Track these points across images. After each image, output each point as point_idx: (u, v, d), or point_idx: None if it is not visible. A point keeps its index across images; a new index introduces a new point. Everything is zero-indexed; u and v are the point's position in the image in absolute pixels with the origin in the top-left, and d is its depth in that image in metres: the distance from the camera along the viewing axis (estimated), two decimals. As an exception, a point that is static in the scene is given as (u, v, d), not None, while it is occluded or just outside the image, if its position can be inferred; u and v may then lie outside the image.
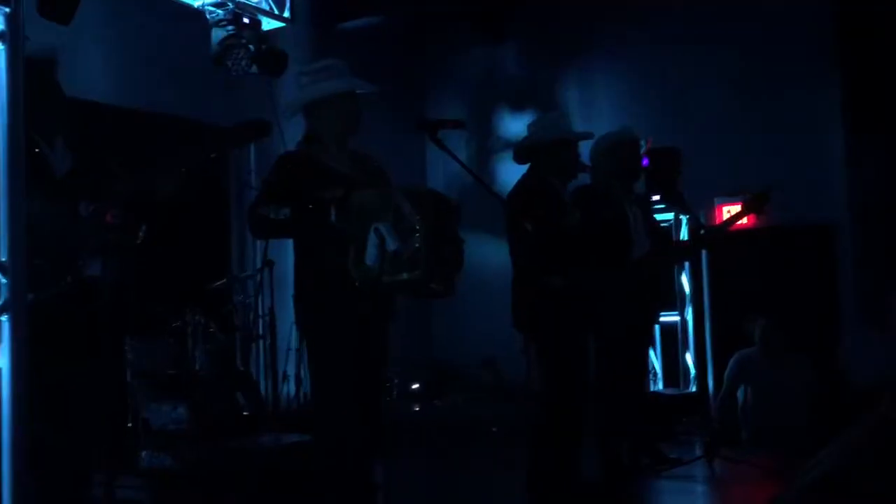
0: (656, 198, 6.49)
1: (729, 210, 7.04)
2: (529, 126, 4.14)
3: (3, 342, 1.87)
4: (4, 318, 1.88)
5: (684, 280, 7.07)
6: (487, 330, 7.59)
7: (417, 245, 2.88)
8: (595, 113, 7.65)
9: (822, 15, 6.76)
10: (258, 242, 6.45)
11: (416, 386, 7.47)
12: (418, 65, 8.66)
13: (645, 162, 5.56)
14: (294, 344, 6.48)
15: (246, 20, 5.60)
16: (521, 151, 4.07)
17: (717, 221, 7.00)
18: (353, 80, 3.26)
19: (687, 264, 6.99)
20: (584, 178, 4.44)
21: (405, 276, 2.92)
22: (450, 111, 8.14)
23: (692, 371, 7.02)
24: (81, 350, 2.89)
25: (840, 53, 6.71)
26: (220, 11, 5.55)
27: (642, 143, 4.14)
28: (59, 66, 3.00)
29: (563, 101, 8.08)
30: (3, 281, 1.90)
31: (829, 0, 6.69)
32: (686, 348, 7.07)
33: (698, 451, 5.41)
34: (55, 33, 4.32)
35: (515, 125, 8.34)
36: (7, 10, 1.99)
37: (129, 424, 4.35)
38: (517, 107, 8.36)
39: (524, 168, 4.05)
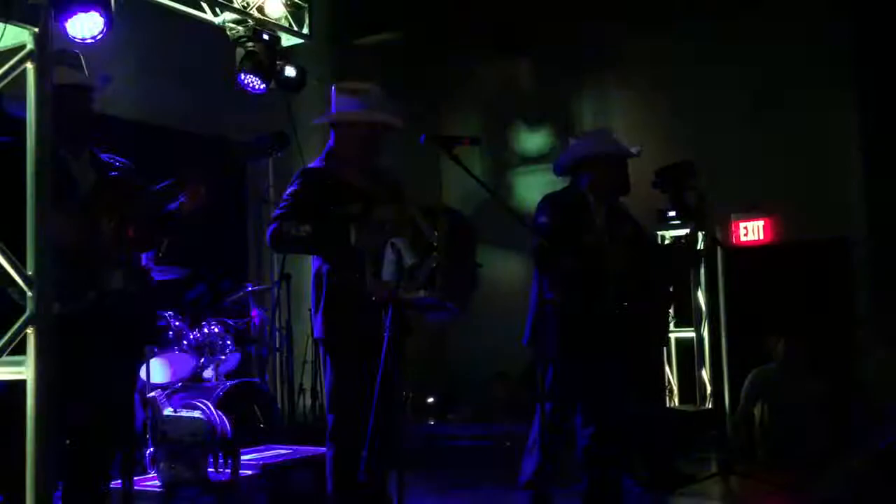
0: (672, 213, 6.49)
1: (745, 226, 7.04)
2: (574, 140, 4.04)
3: (28, 354, 1.90)
4: (30, 330, 1.91)
5: (700, 296, 7.04)
6: (502, 344, 7.58)
7: (434, 264, 2.91)
8: (611, 128, 7.63)
9: (841, 33, 6.75)
10: (275, 255, 6.49)
11: (430, 399, 7.47)
12: (435, 80, 8.71)
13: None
14: (310, 357, 6.52)
15: (266, 37, 5.66)
16: (565, 164, 3.93)
17: (733, 236, 6.99)
18: (380, 111, 3.32)
19: (703, 280, 6.96)
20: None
21: (422, 293, 2.96)
22: (466, 126, 8.17)
23: (708, 387, 6.99)
24: (103, 362, 2.93)
25: (858, 69, 6.70)
26: (240, 28, 5.61)
27: (633, 150, 3.93)
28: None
29: (580, 115, 8.09)
30: (29, 294, 1.93)
31: (848, 17, 6.69)
32: (702, 364, 7.04)
33: (714, 468, 5.38)
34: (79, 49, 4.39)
35: (531, 140, 8.36)
36: (36, 29, 2.03)
37: (147, 436, 4.39)
38: (533, 122, 8.38)
39: (541, 183, 3.98)
